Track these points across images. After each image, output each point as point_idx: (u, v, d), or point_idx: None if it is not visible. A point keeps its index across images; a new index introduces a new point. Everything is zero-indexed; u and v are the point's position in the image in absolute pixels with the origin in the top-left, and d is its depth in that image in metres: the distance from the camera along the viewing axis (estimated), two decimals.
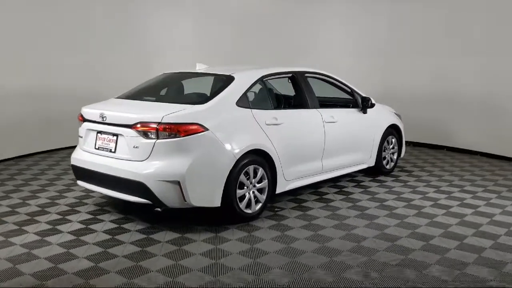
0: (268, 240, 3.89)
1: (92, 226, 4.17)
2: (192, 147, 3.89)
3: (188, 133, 3.88)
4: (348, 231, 4.09)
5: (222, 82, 4.54)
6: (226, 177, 4.01)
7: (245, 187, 4.23)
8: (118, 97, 4.83)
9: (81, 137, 4.51)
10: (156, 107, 4.31)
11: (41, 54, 7.29)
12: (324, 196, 5.14)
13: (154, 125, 3.87)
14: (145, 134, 3.91)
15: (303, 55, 9.22)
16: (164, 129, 3.85)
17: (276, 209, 4.66)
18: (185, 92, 4.88)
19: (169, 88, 4.96)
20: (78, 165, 4.49)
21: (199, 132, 3.92)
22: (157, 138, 3.86)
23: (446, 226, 4.22)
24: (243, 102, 4.39)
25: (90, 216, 4.45)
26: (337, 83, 5.61)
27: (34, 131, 7.32)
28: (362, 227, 4.18)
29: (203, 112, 4.07)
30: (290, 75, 5.10)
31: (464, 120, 7.94)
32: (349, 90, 5.72)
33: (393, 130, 6.30)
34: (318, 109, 5.10)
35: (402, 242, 3.84)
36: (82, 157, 4.45)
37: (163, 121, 3.87)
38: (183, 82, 5.00)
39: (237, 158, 4.07)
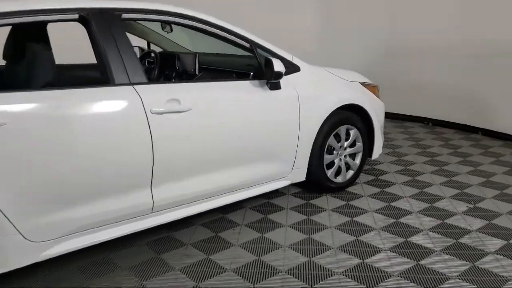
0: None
1: None
2: None
3: None
4: None
5: None
6: None
7: None
8: None
9: None
10: None
11: None
12: None
13: None
14: None
15: None
16: None
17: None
18: None
19: None
20: None
21: None
22: None
23: None
24: None
25: None
26: (215, 31, 2.91)
27: None
28: None
29: None
30: (72, 15, 2.48)
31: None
32: (248, 46, 3.01)
33: (351, 116, 3.53)
34: (139, 85, 2.50)
35: None
36: None
37: None
38: None
39: None
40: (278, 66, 2.86)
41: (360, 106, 3.56)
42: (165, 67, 3.75)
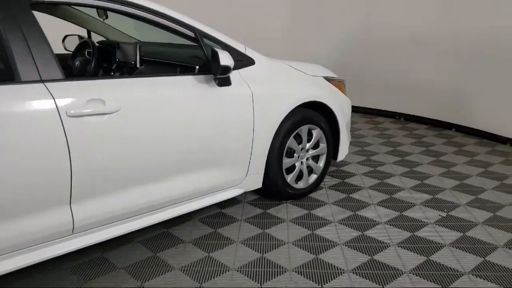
0: None
1: None
2: None
3: None
4: None
5: None
6: None
7: None
8: None
9: None
10: None
11: None
12: None
13: None
14: None
15: None
16: None
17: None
18: None
19: None
20: None
21: None
22: None
23: None
24: None
25: None
26: (153, 18, 2.48)
27: None
28: None
29: None
30: None
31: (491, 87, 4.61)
32: (193, 35, 2.60)
33: (314, 114, 3.17)
34: (52, 83, 2.06)
35: None
36: None
37: None
38: None
39: None
40: (225, 58, 2.46)
41: (323, 103, 3.20)
42: (105, 60, 3.31)
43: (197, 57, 2.78)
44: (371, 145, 4.55)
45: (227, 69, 2.48)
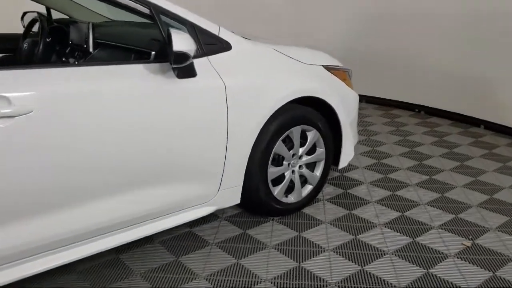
0: None
1: None
2: None
3: None
4: None
5: None
6: None
7: None
8: None
9: None
10: None
11: None
12: None
13: None
14: None
15: None
16: None
17: None
18: None
19: None
20: None
21: None
22: None
23: None
24: None
25: None
26: None
27: None
28: None
29: None
30: None
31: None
32: (148, 12, 2.00)
33: (309, 112, 2.56)
34: None
35: None
36: None
37: None
38: None
39: None
40: (181, 42, 1.86)
41: (322, 99, 2.58)
42: (60, 42, 2.75)
43: (156, 40, 2.18)
44: (384, 144, 3.91)
45: (183, 57, 1.88)
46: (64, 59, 2.67)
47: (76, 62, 2.53)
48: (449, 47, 4.49)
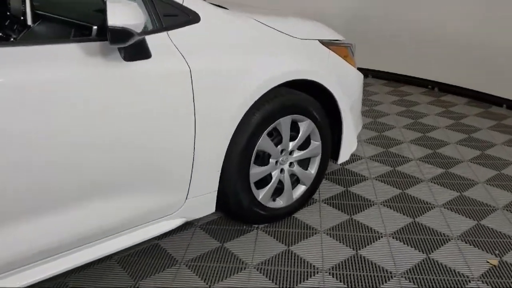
0: None
1: None
2: None
3: None
4: None
5: None
6: None
7: None
8: None
9: None
10: None
11: None
12: None
13: None
14: None
15: None
16: None
17: None
18: None
19: None
20: None
21: None
22: None
23: None
24: None
25: None
26: None
27: None
28: None
29: None
30: None
31: None
32: None
33: (302, 99, 2.09)
34: None
35: None
36: None
37: None
38: None
39: None
40: (120, 14, 1.38)
41: (317, 82, 2.10)
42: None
43: (101, 11, 1.70)
44: (393, 128, 3.43)
45: (124, 33, 1.40)
46: (1, 34, 2.20)
47: (13, 38, 2.06)
48: (468, 13, 3.94)
